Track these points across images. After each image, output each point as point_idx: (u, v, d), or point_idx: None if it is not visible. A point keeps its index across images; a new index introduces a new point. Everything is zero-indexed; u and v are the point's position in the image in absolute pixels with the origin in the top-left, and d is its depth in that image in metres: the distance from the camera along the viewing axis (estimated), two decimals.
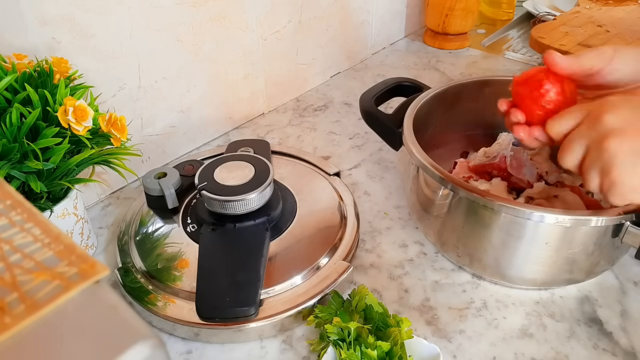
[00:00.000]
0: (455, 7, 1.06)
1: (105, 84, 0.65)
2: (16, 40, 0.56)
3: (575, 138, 0.43)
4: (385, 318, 0.50)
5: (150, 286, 0.55)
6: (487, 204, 0.50)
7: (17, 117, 0.49)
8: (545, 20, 1.10)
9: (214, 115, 0.82)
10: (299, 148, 0.80)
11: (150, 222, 0.62)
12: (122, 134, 0.55)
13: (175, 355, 0.52)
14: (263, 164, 0.60)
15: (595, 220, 0.47)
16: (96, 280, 0.23)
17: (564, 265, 0.53)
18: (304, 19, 0.89)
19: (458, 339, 0.53)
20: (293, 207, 0.63)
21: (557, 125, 0.45)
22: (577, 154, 0.43)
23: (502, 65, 1.05)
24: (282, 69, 0.90)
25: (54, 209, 0.54)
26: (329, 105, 0.93)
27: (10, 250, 0.24)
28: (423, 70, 1.04)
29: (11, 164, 0.49)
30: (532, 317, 0.55)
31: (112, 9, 0.62)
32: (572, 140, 0.44)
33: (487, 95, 0.69)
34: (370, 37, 1.07)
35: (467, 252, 0.56)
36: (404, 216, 0.68)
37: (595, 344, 0.52)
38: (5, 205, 0.27)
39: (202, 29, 0.73)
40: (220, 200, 0.56)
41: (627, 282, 0.58)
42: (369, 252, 0.63)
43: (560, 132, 0.45)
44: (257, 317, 0.52)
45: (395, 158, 0.79)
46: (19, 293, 0.22)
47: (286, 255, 0.58)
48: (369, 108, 0.67)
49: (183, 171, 0.65)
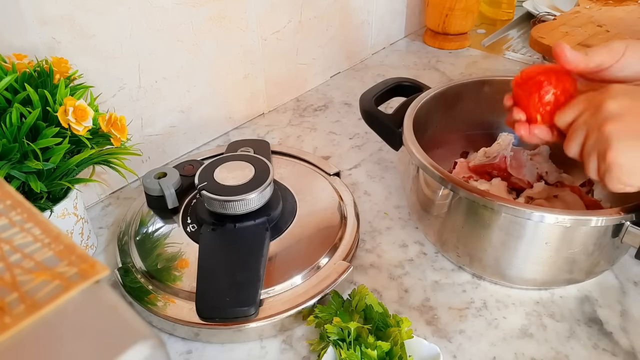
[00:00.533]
0: (455, 7, 1.06)
1: (105, 84, 0.65)
2: (16, 40, 0.56)
3: (577, 125, 0.44)
4: (385, 318, 0.50)
5: (150, 286, 0.55)
6: (487, 204, 0.50)
7: (17, 117, 0.49)
8: (545, 20, 1.10)
9: (214, 115, 0.82)
10: (299, 148, 0.80)
11: (150, 222, 0.62)
12: (122, 134, 0.55)
13: (175, 355, 0.52)
14: (263, 164, 0.60)
15: (595, 220, 0.47)
16: (96, 280, 0.23)
17: (564, 265, 0.53)
18: (304, 19, 0.89)
19: (458, 339, 0.53)
20: (293, 207, 0.63)
21: (564, 116, 0.46)
22: (579, 140, 0.44)
23: (502, 65, 1.05)
24: (282, 69, 0.90)
25: (54, 209, 0.54)
26: (329, 105, 0.93)
27: (10, 250, 0.24)
28: (423, 70, 1.04)
29: (11, 164, 0.49)
30: (532, 317, 0.55)
31: (112, 9, 0.62)
32: (575, 128, 0.44)
33: (487, 95, 0.69)
34: (370, 37, 1.07)
35: (467, 252, 0.56)
36: (404, 216, 0.68)
37: (595, 344, 0.52)
38: (5, 205, 0.27)
39: (202, 29, 0.73)
40: (220, 200, 0.56)
41: (627, 282, 0.58)
42: (369, 252, 0.63)
43: (566, 122, 0.46)
44: (257, 317, 0.52)
45: (395, 158, 0.79)
46: (19, 293, 0.22)
47: (286, 255, 0.58)
48: (369, 108, 0.67)
49: (183, 171, 0.65)
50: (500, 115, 0.70)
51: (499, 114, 0.70)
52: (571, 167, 0.66)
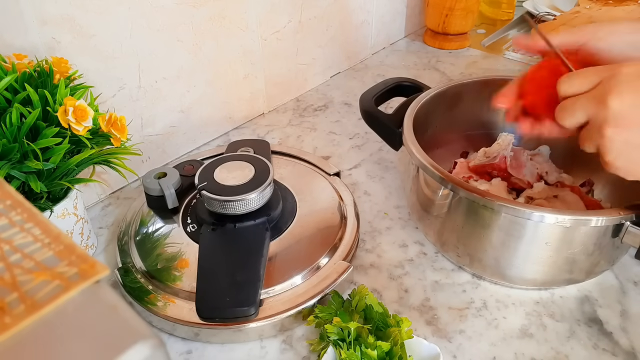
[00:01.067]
0: (455, 7, 1.06)
1: (105, 84, 0.65)
2: (16, 40, 0.56)
3: (578, 106, 0.43)
4: (385, 318, 0.50)
5: (150, 286, 0.55)
6: (487, 204, 0.50)
7: (17, 117, 0.49)
8: (545, 20, 1.10)
9: (214, 115, 0.82)
10: (299, 148, 0.80)
11: (150, 222, 0.62)
12: (122, 134, 0.55)
13: (175, 355, 0.52)
14: (263, 164, 0.60)
15: (595, 220, 0.47)
16: (96, 280, 0.23)
17: (564, 265, 0.53)
18: (304, 19, 0.89)
19: (458, 339, 0.53)
20: (293, 207, 0.63)
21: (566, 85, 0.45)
22: (578, 119, 0.44)
23: (502, 65, 1.05)
24: (282, 69, 0.90)
25: (54, 209, 0.54)
26: (329, 105, 0.93)
27: (10, 250, 0.24)
28: (423, 70, 1.04)
29: (11, 164, 0.49)
30: (532, 317, 0.55)
31: (112, 9, 0.62)
32: (575, 106, 0.44)
33: (487, 95, 0.69)
34: (370, 37, 1.07)
35: (467, 252, 0.56)
36: (404, 216, 0.68)
37: (595, 344, 0.52)
38: (5, 205, 0.27)
39: (202, 29, 0.73)
40: (220, 200, 0.56)
41: (627, 282, 0.58)
42: (369, 252, 0.63)
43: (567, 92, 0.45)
44: (257, 317, 0.52)
45: (395, 158, 0.79)
46: (19, 293, 0.22)
47: (286, 255, 0.58)
48: (369, 108, 0.67)
49: (183, 171, 0.65)
50: (501, 115, 0.70)
51: (499, 114, 0.70)
52: (571, 167, 0.66)
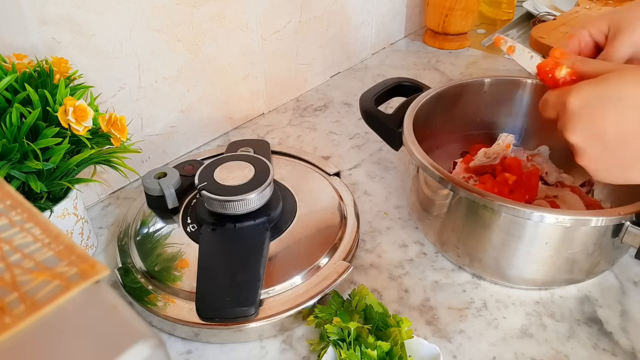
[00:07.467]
0: (455, 7, 1.05)
1: (105, 84, 0.65)
2: (16, 40, 0.56)
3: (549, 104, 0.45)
4: (385, 318, 0.50)
5: (150, 286, 0.55)
6: (487, 204, 0.50)
7: (17, 117, 0.49)
8: (545, 20, 1.10)
9: (214, 115, 0.82)
10: (299, 148, 0.80)
11: (150, 222, 0.62)
12: (122, 133, 0.55)
13: (175, 355, 0.52)
14: (263, 164, 0.60)
15: (595, 220, 0.47)
16: (96, 280, 0.23)
17: (564, 265, 0.53)
18: (304, 19, 0.89)
19: (458, 339, 0.53)
20: (293, 207, 0.63)
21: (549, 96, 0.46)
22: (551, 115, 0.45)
23: (502, 65, 1.05)
24: (282, 69, 0.90)
25: (54, 209, 0.54)
26: (329, 105, 0.93)
27: (10, 250, 0.24)
28: (423, 70, 1.04)
29: (11, 164, 0.49)
30: (532, 317, 0.55)
31: (112, 9, 0.62)
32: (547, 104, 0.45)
33: (487, 95, 0.69)
34: (370, 37, 1.07)
35: (467, 252, 0.56)
36: (404, 216, 0.68)
37: (595, 344, 0.52)
38: (5, 205, 0.27)
39: (202, 29, 0.73)
40: (220, 200, 0.56)
41: (627, 282, 0.58)
42: (369, 252, 0.63)
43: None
44: (257, 317, 0.52)
45: (395, 158, 0.79)
46: (19, 293, 0.22)
47: (286, 255, 0.58)
48: (369, 108, 0.67)
49: (183, 171, 0.65)
50: (500, 115, 0.70)
51: (499, 114, 0.70)
52: (571, 167, 0.66)
